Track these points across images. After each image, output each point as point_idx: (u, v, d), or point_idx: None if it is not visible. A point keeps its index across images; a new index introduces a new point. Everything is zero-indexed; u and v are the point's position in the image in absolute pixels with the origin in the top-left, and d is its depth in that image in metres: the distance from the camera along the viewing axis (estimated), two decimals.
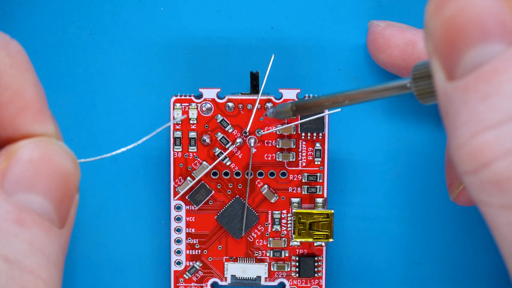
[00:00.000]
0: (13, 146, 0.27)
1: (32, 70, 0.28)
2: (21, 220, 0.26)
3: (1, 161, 0.27)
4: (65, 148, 0.28)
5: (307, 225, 0.39)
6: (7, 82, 0.27)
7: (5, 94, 0.27)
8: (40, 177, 0.27)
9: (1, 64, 0.27)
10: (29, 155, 0.27)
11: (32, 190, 0.26)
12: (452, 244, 0.42)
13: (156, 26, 0.41)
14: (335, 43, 0.41)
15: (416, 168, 0.42)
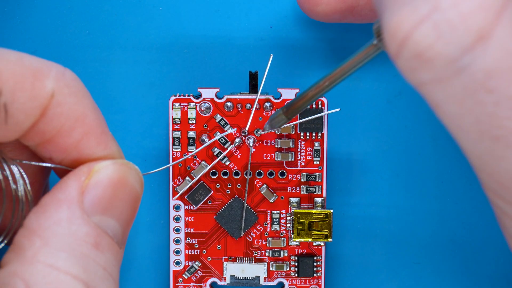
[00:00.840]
0: (94, 165, 0.28)
1: (89, 96, 0.29)
2: (98, 244, 0.27)
3: (82, 178, 0.28)
4: (138, 171, 0.29)
5: (306, 225, 0.39)
6: (68, 110, 0.28)
7: (67, 122, 0.28)
8: (116, 200, 0.28)
9: (60, 94, 0.28)
10: (110, 177, 0.28)
11: (108, 212, 0.28)
12: (452, 244, 0.42)
13: (155, 26, 0.41)
14: (335, 43, 0.41)
15: (416, 168, 0.42)
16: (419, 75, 0.25)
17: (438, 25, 0.24)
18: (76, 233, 0.27)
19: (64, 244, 0.26)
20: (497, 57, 0.24)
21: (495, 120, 0.25)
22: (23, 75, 0.27)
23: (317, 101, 0.39)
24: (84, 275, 0.26)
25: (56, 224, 0.27)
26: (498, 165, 0.25)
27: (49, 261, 0.26)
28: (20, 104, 0.27)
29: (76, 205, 0.27)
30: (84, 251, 0.27)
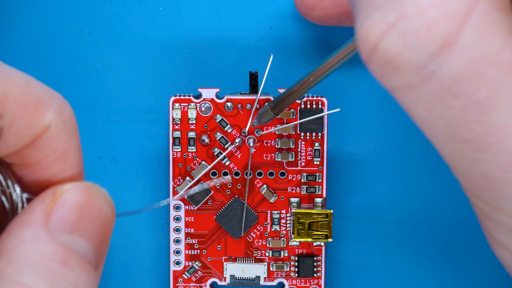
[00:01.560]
0: (59, 188, 0.28)
1: (78, 135, 0.29)
2: (65, 261, 0.27)
3: (47, 200, 0.27)
4: (106, 195, 0.29)
5: (306, 225, 0.39)
6: (56, 145, 0.28)
7: (51, 156, 0.28)
8: (84, 221, 0.28)
9: (54, 128, 0.28)
10: (75, 198, 0.28)
11: (76, 232, 0.27)
12: (451, 244, 0.42)
13: (155, 26, 0.41)
14: (335, 43, 0.41)
15: (416, 167, 0.42)
16: (390, 81, 0.25)
17: (404, 33, 0.24)
18: (41, 252, 0.26)
19: (30, 262, 0.26)
20: (463, 63, 0.24)
21: (464, 124, 0.25)
22: (26, 103, 0.27)
23: (317, 101, 0.39)
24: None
25: (21, 244, 0.26)
26: (471, 167, 0.26)
27: (14, 278, 0.26)
28: (15, 130, 0.27)
29: (41, 226, 0.27)
30: (51, 268, 0.26)
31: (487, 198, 0.27)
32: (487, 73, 0.24)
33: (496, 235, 0.28)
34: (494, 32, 0.24)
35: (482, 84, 0.24)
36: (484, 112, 0.25)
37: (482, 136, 0.25)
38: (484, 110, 0.25)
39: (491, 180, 0.26)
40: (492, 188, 0.26)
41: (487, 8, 0.24)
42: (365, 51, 0.25)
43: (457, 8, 0.24)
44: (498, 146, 0.25)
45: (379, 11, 0.25)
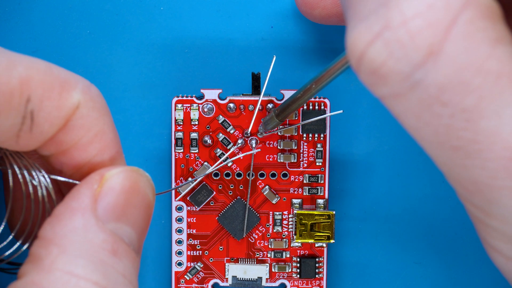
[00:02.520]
0: (105, 172, 0.28)
1: (110, 114, 0.29)
2: (115, 250, 0.27)
3: (94, 186, 0.28)
4: (149, 179, 0.29)
5: (308, 226, 0.39)
6: (89, 124, 0.28)
7: (87, 135, 0.28)
8: (130, 207, 0.28)
9: (84, 107, 0.28)
10: (121, 184, 0.28)
11: (122, 220, 0.27)
12: (453, 244, 0.42)
13: (156, 26, 0.41)
14: (336, 43, 0.41)
15: (416, 167, 0.42)
16: (378, 90, 0.26)
17: (389, 43, 0.24)
18: (92, 240, 0.26)
19: (82, 251, 0.26)
20: (449, 72, 0.24)
21: (452, 132, 0.25)
22: (51, 84, 0.27)
23: (319, 103, 0.39)
24: (104, 282, 0.26)
25: (72, 232, 0.26)
26: (461, 173, 0.26)
27: (67, 268, 0.26)
28: (46, 113, 0.27)
29: (90, 213, 0.27)
30: (102, 258, 0.26)
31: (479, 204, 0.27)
32: (473, 81, 0.24)
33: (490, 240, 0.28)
34: (480, 41, 0.24)
35: (469, 92, 0.25)
36: (472, 120, 0.25)
37: (471, 143, 0.25)
38: (472, 118, 0.25)
39: (482, 186, 0.26)
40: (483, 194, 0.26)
41: (472, 16, 0.24)
42: (353, 60, 0.25)
43: (442, 17, 0.24)
44: (487, 153, 0.25)
45: (366, 21, 0.25)
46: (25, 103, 0.27)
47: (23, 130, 0.27)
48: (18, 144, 0.28)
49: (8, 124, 0.27)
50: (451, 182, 0.27)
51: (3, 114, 0.27)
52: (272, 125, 0.38)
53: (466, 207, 0.28)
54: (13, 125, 0.27)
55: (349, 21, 0.26)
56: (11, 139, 0.28)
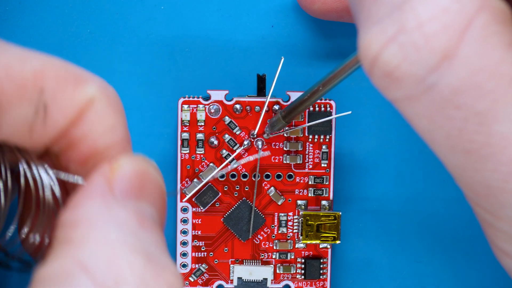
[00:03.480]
0: (114, 161, 0.28)
1: (124, 115, 0.29)
2: (141, 223, 0.26)
3: (106, 172, 0.27)
4: (156, 166, 0.29)
5: (314, 227, 0.39)
6: (102, 119, 0.28)
7: (98, 129, 0.28)
8: (146, 188, 0.27)
9: (99, 101, 0.28)
10: (134, 169, 0.27)
11: (141, 199, 0.27)
12: (454, 243, 0.43)
13: (156, 25, 0.41)
14: (337, 40, 0.41)
15: (418, 166, 0.42)
16: (391, 93, 0.26)
17: (403, 46, 0.25)
18: (118, 216, 0.26)
19: (110, 225, 0.26)
20: (463, 75, 0.25)
21: (465, 135, 0.25)
22: (65, 77, 0.27)
23: (325, 104, 0.39)
24: (140, 247, 0.26)
25: (95, 212, 0.26)
26: (472, 176, 0.26)
27: (101, 239, 0.25)
28: (59, 105, 0.27)
29: (109, 195, 0.27)
30: (132, 229, 0.26)
31: (489, 207, 0.27)
32: (487, 85, 0.25)
33: (499, 243, 0.28)
34: (494, 45, 0.25)
35: (482, 95, 0.25)
36: (485, 123, 0.25)
37: (483, 146, 0.25)
38: (485, 121, 0.25)
39: (493, 190, 0.26)
40: (494, 197, 0.26)
41: (487, 20, 0.24)
42: (366, 63, 0.26)
43: (457, 21, 0.24)
44: (499, 156, 0.25)
45: (380, 24, 0.25)
46: (38, 95, 0.27)
47: (36, 123, 0.27)
48: (31, 138, 0.28)
49: (21, 116, 0.27)
50: (461, 185, 0.28)
51: (16, 104, 0.26)
52: (278, 126, 0.38)
53: (475, 210, 0.28)
54: (26, 116, 0.27)
55: (361, 24, 0.26)
56: (24, 133, 0.27)
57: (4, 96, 0.26)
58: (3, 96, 0.26)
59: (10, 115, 0.27)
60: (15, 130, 0.27)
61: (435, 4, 0.24)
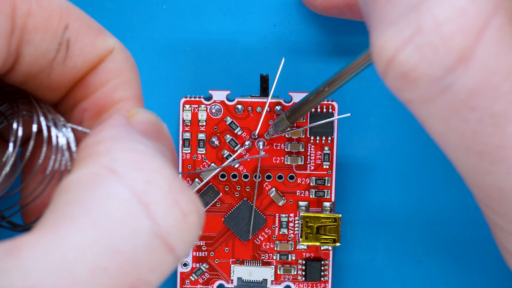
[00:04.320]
0: (132, 110, 0.28)
1: (139, 76, 0.30)
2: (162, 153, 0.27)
3: (125, 114, 0.28)
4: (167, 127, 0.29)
5: (314, 229, 0.39)
6: (119, 69, 0.29)
7: (115, 81, 0.29)
8: (161, 134, 0.28)
9: (117, 53, 0.29)
10: (149, 117, 0.28)
11: (158, 141, 0.27)
12: (456, 243, 0.42)
13: (158, 24, 0.41)
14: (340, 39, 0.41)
15: (419, 166, 0.42)
16: (406, 94, 0.26)
17: (421, 47, 0.24)
18: (141, 140, 0.26)
19: (136, 141, 0.26)
20: (479, 76, 0.24)
21: (479, 137, 0.25)
22: (89, 24, 0.28)
23: (328, 105, 0.39)
24: (160, 149, 0.26)
25: (120, 132, 0.26)
26: (485, 179, 0.26)
27: (128, 148, 0.25)
28: (81, 47, 0.28)
29: (130, 128, 0.27)
30: (157, 151, 0.26)
31: (501, 210, 0.27)
32: (503, 87, 0.24)
33: (508, 246, 0.28)
34: (510, 46, 0.24)
35: (498, 97, 0.25)
36: (500, 125, 0.25)
37: (497, 148, 0.25)
38: (500, 123, 0.25)
39: (505, 193, 0.26)
40: (506, 200, 0.26)
41: (503, 22, 0.24)
42: (381, 64, 0.25)
43: (474, 22, 0.24)
44: None
45: (395, 25, 0.25)
46: (62, 29, 0.27)
47: (57, 60, 0.28)
48: (50, 78, 0.28)
49: (44, 48, 0.27)
50: (472, 188, 0.27)
51: (41, 32, 0.27)
52: (282, 127, 0.38)
53: (485, 213, 0.28)
54: (48, 50, 0.27)
55: (375, 25, 0.26)
56: (44, 68, 0.28)
57: (32, 19, 0.27)
58: (31, 20, 0.27)
59: (33, 45, 0.27)
60: (36, 63, 0.28)
61: (452, 5, 0.24)
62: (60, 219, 0.24)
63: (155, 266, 0.24)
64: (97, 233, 0.23)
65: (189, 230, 0.25)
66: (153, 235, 0.24)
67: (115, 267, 0.23)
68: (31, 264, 0.23)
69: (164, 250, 0.24)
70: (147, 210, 0.24)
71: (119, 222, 0.24)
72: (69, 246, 0.23)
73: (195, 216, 0.25)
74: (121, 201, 0.24)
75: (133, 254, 0.24)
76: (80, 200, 0.24)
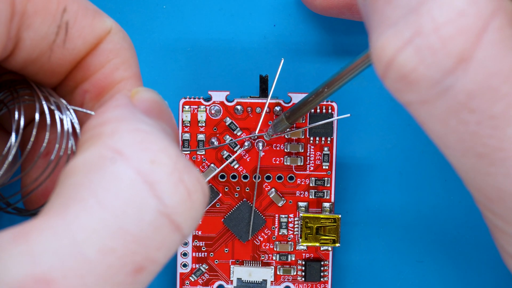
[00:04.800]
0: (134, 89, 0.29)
1: (136, 55, 0.30)
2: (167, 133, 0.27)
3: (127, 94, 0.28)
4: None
5: (314, 229, 0.39)
6: (118, 50, 0.29)
7: (114, 61, 0.29)
8: (164, 113, 0.28)
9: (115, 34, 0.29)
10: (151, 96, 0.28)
11: (161, 120, 0.28)
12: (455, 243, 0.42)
13: (158, 24, 0.41)
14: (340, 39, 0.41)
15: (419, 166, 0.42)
16: (405, 96, 0.26)
17: (420, 49, 0.24)
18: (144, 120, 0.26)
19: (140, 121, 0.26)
20: (478, 78, 0.24)
21: (478, 139, 0.25)
22: (86, 6, 0.29)
23: (327, 106, 0.39)
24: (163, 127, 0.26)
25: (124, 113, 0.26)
26: (484, 180, 0.26)
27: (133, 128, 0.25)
28: (80, 28, 0.28)
29: (133, 107, 0.27)
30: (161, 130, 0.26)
31: (500, 212, 0.27)
32: (502, 88, 0.25)
33: (508, 248, 0.28)
34: (509, 48, 0.24)
35: (497, 99, 0.25)
36: (499, 127, 0.25)
37: (496, 150, 0.25)
38: (499, 125, 0.25)
39: (505, 194, 0.26)
40: (505, 202, 0.26)
41: (502, 24, 0.24)
42: (380, 66, 0.25)
43: (473, 24, 0.24)
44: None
45: (394, 27, 0.25)
46: (61, 12, 0.28)
47: (57, 43, 0.28)
48: (50, 61, 0.28)
49: (43, 31, 0.28)
50: (472, 190, 0.27)
51: (40, 16, 0.27)
52: (282, 127, 0.38)
53: (485, 214, 0.28)
54: (48, 34, 0.28)
55: (374, 27, 0.26)
56: (44, 51, 0.28)
57: (31, 4, 0.27)
58: (30, 4, 0.27)
59: (33, 29, 0.27)
60: (36, 47, 0.28)
61: (451, 7, 0.24)
62: (67, 203, 0.24)
63: (162, 244, 0.25)
64: (104, 214, 0.24)
65: (195, 208, 0.25)
66: (159, 214, 0.24)
67: (123, 248, 0.24)
68: (40, 249, 0.23)
69: (170, 229, 0.25)
70: (153, 190, 0.24)
71: (126, 203, 0.24)
72: (77, 229, 0.23)
73: (200, 194, 0.25)
74: (127, 182, 0.24)
75: (140, 234, 0.24)
76: (87, 183, 0.24)
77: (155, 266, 0.25)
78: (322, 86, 0.34)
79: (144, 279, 0.24)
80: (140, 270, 0.24)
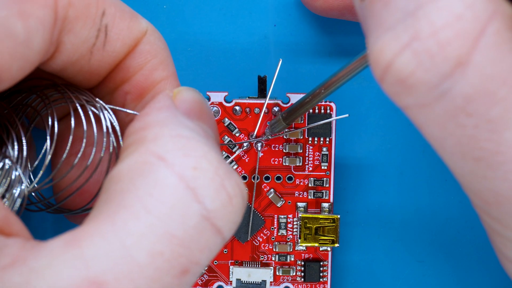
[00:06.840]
0: (175, 89, 0.30)
1: (171, 56, 0.31)
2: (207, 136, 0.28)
3: (169, 94, 0.29)
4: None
5: (313, 229, 0.39)
6: (155, 50, 0.30)
7: (152, 62, 0.30)
8: (206, 113, 0.29)
9: (151, 35, 0.30)
10: (193, 95, 0.29)
11: (203, 121, 0.28)
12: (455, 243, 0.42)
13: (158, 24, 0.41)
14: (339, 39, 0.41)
15: (419, 166, 0.42)
16: (403, 100, 0.26)
17: (418, 53, 0.25)
18: (187, 123, 0.27)
19: (182, 126, 0.27)
20: (476, 82, 0.24)
21: (475, 142, 0.25)
22: (123, 9, 0.30)
23: (325, 106, 0.39)
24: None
25: (166, 117, 0.27)
26: (481, 184, 0.26)
27: (175, 134, 0.26)
28: (118, 31, 0.29)
29: (176, 109, 0.28)
30: (203, 136, 0.27)
31: (497, 215, 0.27)
32: (499, 92, 0.25)
33: (505, 251, 0.28)
34: (507, 52, 0.24)
35: (495, 103, 0.25)
36: (496, 131, 0.25)
37: (494, 154, 0.25)
38: (496, 129, 0.25)
39: (502, 198, 0.26)
40: (502, 205, 0.26)
41: (499, 27, 0.24)
42: (378, 70, 0.25)
43: (470, 28, 0.24)
44: (509, 165, 0.25)
45: (392, 31, 0.25)
46: (100, 16, 0.29)
47: (97, 45, 0.29)
48: (90, 64, 0.29)
49: (84, 35, 0.29)
50: (469, 193, 0.27)
51: (81, 21, 0.28)
52: (279, 128, 0.38)
53: (482, 217, 0.28)
54: (88, 37, 0.29)
55: (372, 30, 0.26)
56: (85, 54, 0.29)
57: (72, 9, 0.28)
58: (72, 9, 0.28)
59: (74, 34, 0.28)
60: (76, 50, 0.29)
61: (448, 11, 0.24)
62: (115, 209, 0.25)
63: (205, 247, 0.25)
64: (151, 219, 0.25)
65: (235, 212, 0.26)
66: (202, 218, 0.25)
67: (170, 251, 0.25)
68: (92, 253, 0.24)
69: (212, 232, 0.26)
70: (196, 195, 0.25)
71: (170, 208, 0.25)
72: (127, 234, 0.24)
73: (240, 199, 0.26)
74: (171, 187, 0.25)
75: (185, 237, 0.25)
76: (133, 189, 0.25)
77: (198, 268, 0.26)
78: (319, 87, 0.34)
79: (188, 281, 0.25)
80: (185, 272, 0.25)
